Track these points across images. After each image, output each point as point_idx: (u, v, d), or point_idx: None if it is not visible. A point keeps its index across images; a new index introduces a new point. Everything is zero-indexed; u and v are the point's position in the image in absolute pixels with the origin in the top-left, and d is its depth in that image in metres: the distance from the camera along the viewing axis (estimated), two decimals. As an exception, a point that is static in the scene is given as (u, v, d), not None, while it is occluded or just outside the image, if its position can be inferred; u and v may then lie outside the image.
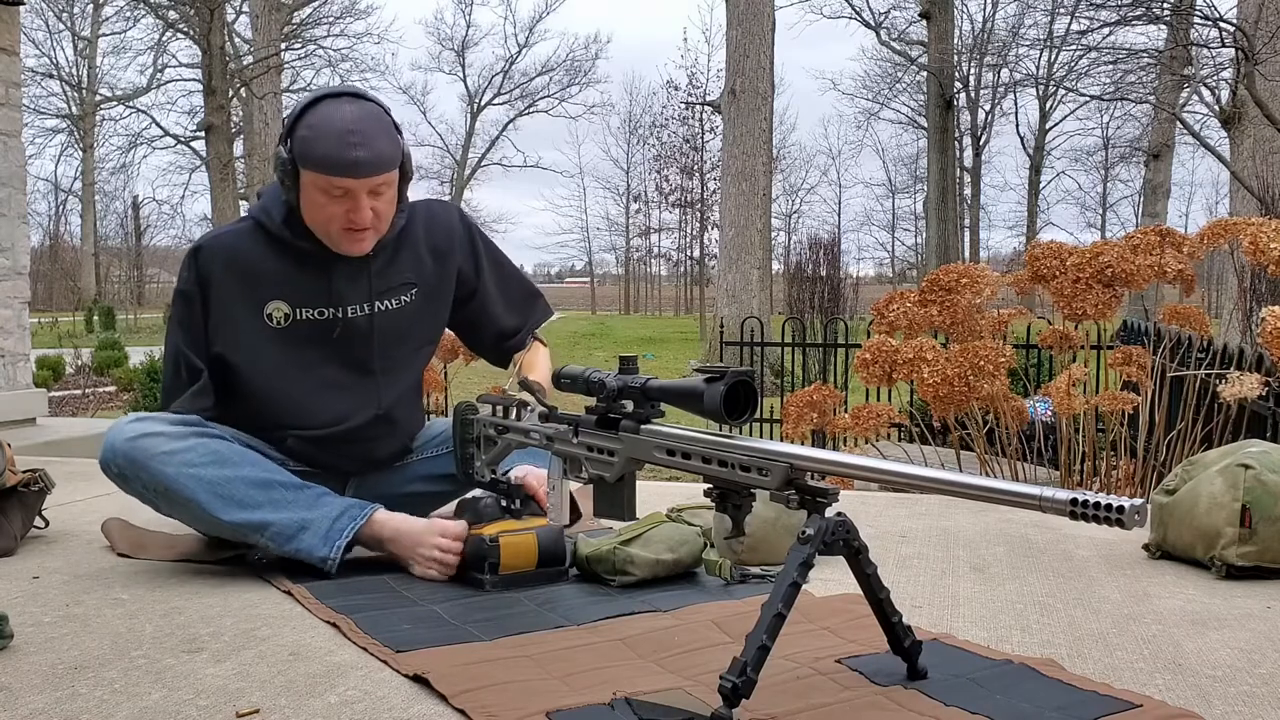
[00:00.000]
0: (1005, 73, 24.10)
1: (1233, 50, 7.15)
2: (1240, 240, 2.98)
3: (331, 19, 22.96)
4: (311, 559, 1.74)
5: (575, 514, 1.72)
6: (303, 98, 1.86)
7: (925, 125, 21.20)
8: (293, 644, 1.44)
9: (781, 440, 2.33)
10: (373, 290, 1.89)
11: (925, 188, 21.61)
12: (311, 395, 1.89)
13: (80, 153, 30.31)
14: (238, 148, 17.91)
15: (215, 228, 2.00)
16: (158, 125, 24.37)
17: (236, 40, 19.51)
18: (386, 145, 1.77)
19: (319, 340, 1.88)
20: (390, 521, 1.80)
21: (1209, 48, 7.99)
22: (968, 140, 27.17)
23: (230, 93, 16.13)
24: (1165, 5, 8.65)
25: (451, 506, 2.10)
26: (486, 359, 2.19)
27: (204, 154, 17.18)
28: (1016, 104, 29.24)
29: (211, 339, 1.87)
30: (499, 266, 2.09)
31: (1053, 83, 20.68)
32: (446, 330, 2.11)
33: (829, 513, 1.16)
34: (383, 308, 1.91)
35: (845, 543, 1.17)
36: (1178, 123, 12.81)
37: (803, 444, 1.81)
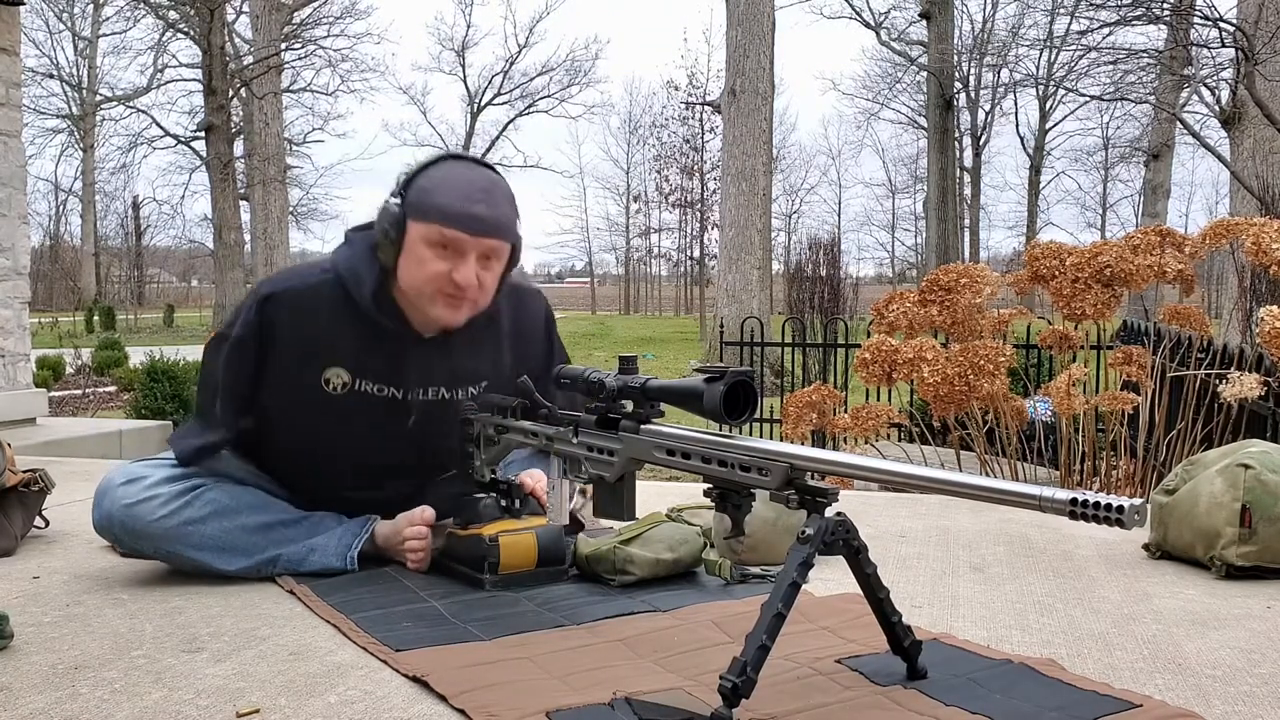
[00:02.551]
0: (1005, 73, 24.11)
1: (1233, 50, 7.15)
2: (1241, 240, 2.98)
3: (331, 19, 22.92)
4: (328, 573, 1.75)
5: (577, 526, 1.72)
6: (427, 158, 1.73)
7: (925, 125, 21.19)
8: (293, 644, 1.44)
9: (781, 440, 2.33)
10: (442, 377, 1.79)
11: (925, 188, 21.61)
12: (347, 468, 1.80)
13: (80, 153, 30.30)
14: (238, 148, 17.89)
15: (287, 272, 1.83)
16: (158, 125, 24.28)
17: (236, 40, 19.50)
18: (510, 213, 1.69)
19: (370, 414, 1.76)
20: (382, 530, 1.82)
21: (1209, 48, 7.99)
22: (968, 140, 27.16)
23: (230, 93, 16.12)
24: (1165, 5, 8.65)
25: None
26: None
27: (204, 154, 17.16)
28: (1016, 104, 29.28)
29: (260, 390, 1.76)
30: (563, 356, 1.96)
31: (1053, 83, 20.66)
32: None
33: (829, 513, 1.16)
34: (446, 396, 1.80)
35: (845, 542, 1.17)
36: (1178, 123, 12.81)
37: (803, 444, 1.81)
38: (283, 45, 18.47)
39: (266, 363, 1.74)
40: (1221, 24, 7.14)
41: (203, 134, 16.77)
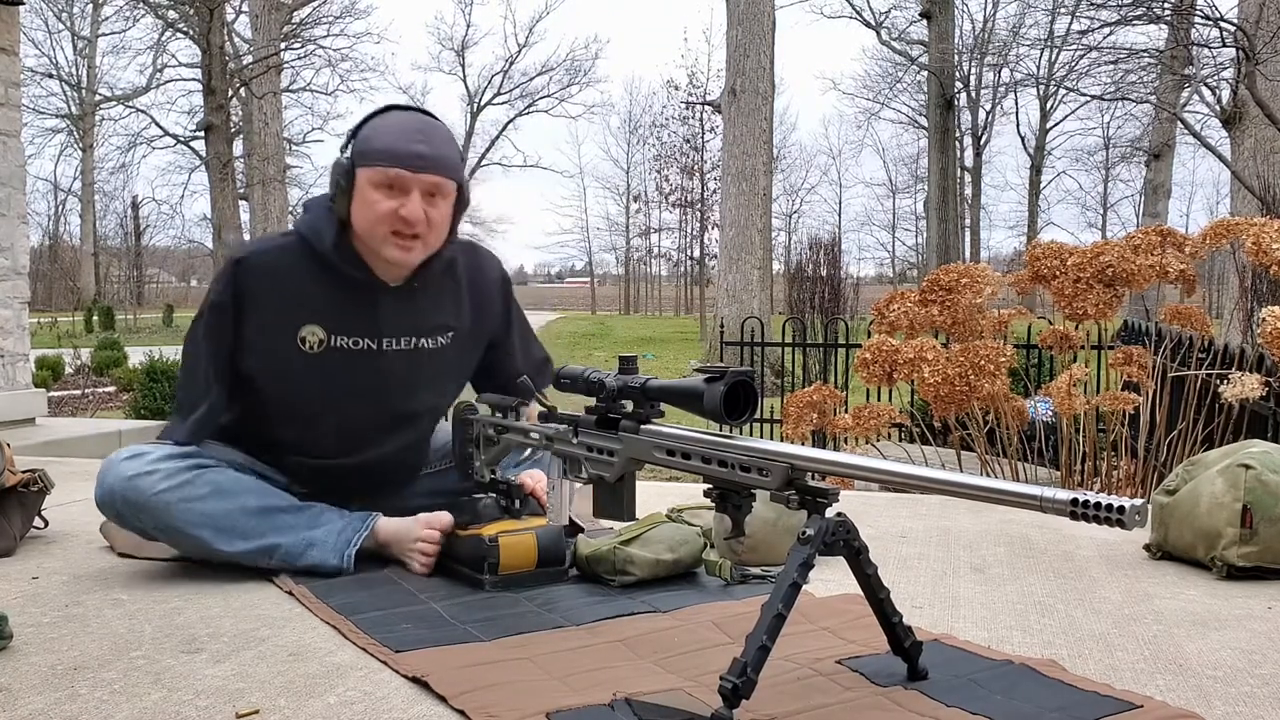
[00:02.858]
0: (1005, 73, 24.09)
1: (1233, 50, 7.15)
2: (1242, 240, 2.98)
3: (331, 19, 22.94)
4: (325, 570, 1.75)
5: (575, 529, 1.72)
6: (369, 113, 1.81)
7: (925, 125, 21.19)
8: (293, 644, 1.44)
9: (781, 440, 2.32)
10: (412, 325, 1.84)
11: (925, 188, 21.61)
12: (332, 427, 1.84)
13: (80, 153, 30.29)
14: (237, 148, 17.91)
15: (257, 239, 1.96)
16: (157, 125, 24.32)
17: (236, 40, 19.50)
18: (450, 151, 1.75)
19: (349, 370, 1.82)
20: (388, 526, 1.82)
21: (1209, 48, 7.99)
22: (968, 140, 27.15)
23: (230, 92, 16.13)
24: (1165, 5, 8.64)
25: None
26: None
27: (204, 154, 17.18)
28: (1017, 104, 29.29)
29: (240, 356, 1.81)
30: (524, 326, 2.06)
31: (1053, 83, 20.66)
32: None
33: (829, 513, 1.16)
34: (418, 345, 1.86)
35: (845, 543, 1.17)
36: (1178, 123, 12.81)
37: (803, 444, 1.81)
38: (282, 45, 18.48)
39: (244, 326, 1.80)
40: (1222, 24, 7.14)
41: (202, 134, 16.79)
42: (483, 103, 32.72)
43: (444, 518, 1.78)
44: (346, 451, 1.88)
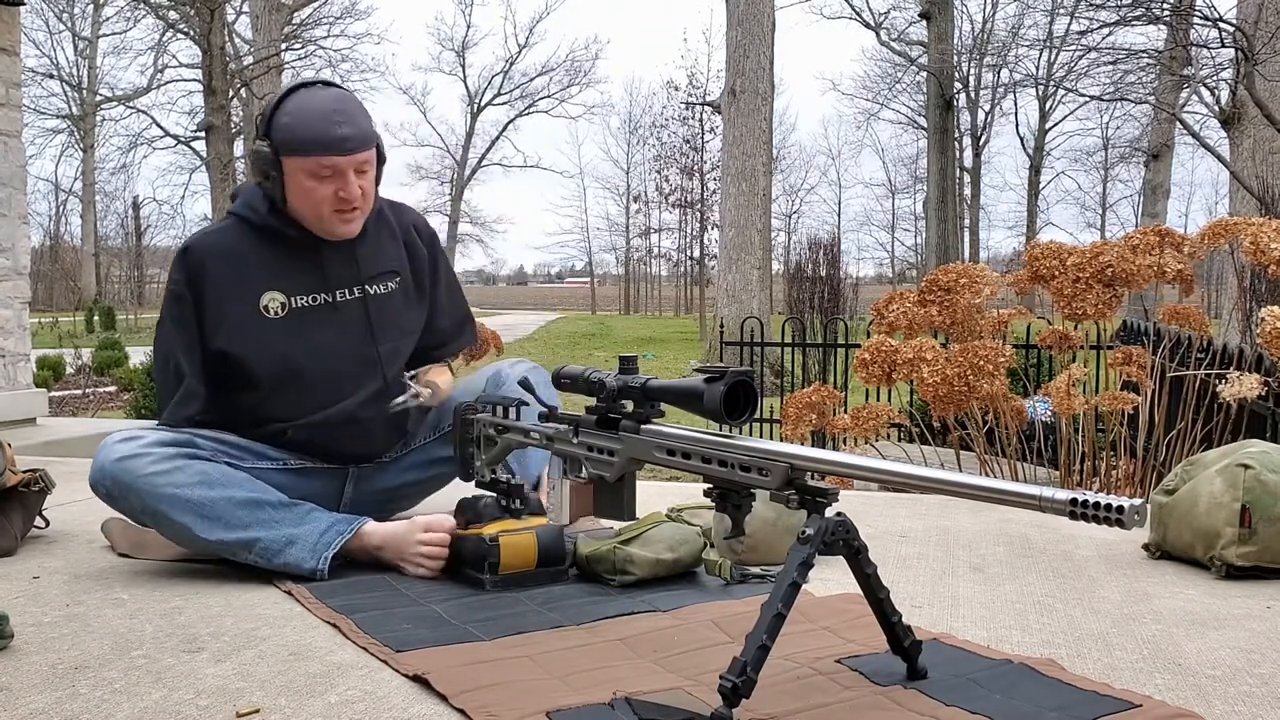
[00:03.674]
0: (1005, 73, 24.14)
1: (1232, 50, 7.15)
2: (1240, 240, 2.98)
3: (332, 19, 22.96)
4: (299, 571, 1.74)
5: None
6: (273, 94, 1.88)
7: (925, 125, 21.19)
8: (293, 644, 1.44)
9: (781, 440, 2.33)
10: (361, 273, 1.93)
11: (925, 188, 21.60)
12: (314, 382, 1.90)
13: (80, 153, 30.29)
14: (238, 148, 17.88)
15: (201, 229, 2.02)
16: (158, 125, 24.40)
17: (237, 40, 19.52)
18: (367, 123, 1.83)
19: (317, 327, 1.89)
20: (378, 531, 1.81)
21: (1209, 48, 7.99)
22: (967, 140, 27.16)
23: (230, 93, 16.12)
24: (1165, 5, 8.64)
25: (438, 500, 2.11)
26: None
27: (204, 154, 17.18)
28: (1016, 104, 29.29)
29: (209, 336, 1.87)
30: (451, 279, 2.12)
31: (1052, 83, 20.68)
32: None
33: (829, 513, 1.16)
34: (373, 291, 1.94)
35: (845, 543, 1.17)
36: (1177, 123, 12.81)
37: (802, 444, 1.81)
38: (283, 45, 18.47)
39: (206, 309, 1.86)
40: (1221, 24, 7.14)
41: (203, 134, 16.78)
42: (483, 103, 32.74)
43: (445, 522, 1.78)
44: (328, 403, 1.91)
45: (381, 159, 1.89)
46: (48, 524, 2.15)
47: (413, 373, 2.01)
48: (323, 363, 1.90)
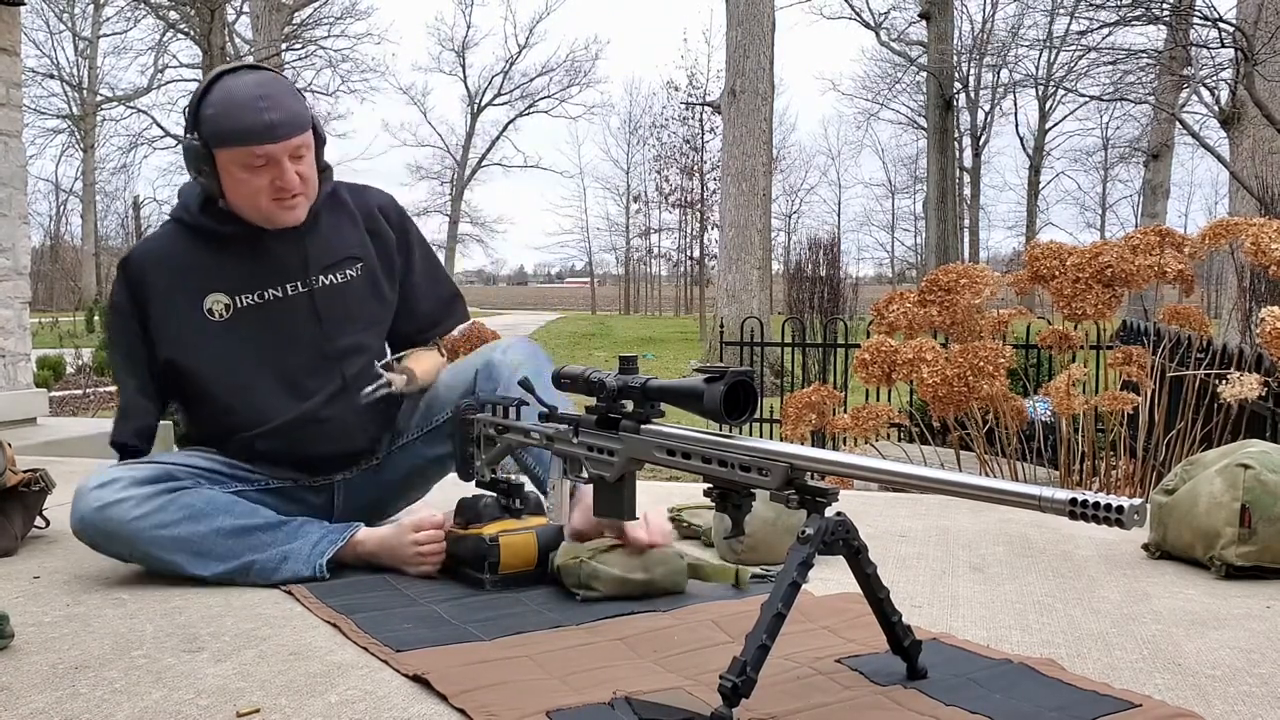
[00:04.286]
0: (1005, 73, 24.12)
1: (1232, 50, 7.15)
2: (1240, 240, 2.98)
3: (332, 19, 22.97)
4: (298, 581, 1.73)
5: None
6: (198, 85, 1.79)
7: (925, 125, 21.18)
8: (293, 644, 1.44)
9: (781, 440, 2.33)
10: (310, 263, 1.84)
11: (925, 188, 21.60)
12: (269, 385, 1.83)
13: (81, 153, 30.26)
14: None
15: (142, 238, 2.00)
16: (158, 125, 24.37)
17: (237, 40, 19.51)
18: (297, 104, 1.75)
19: (265, 327, 1.82)
20: (371, 537, 1.79)
21: (1208, 48, 7.99)
22: (967, 140, 27.15)
23: (230, 93, 16.10)
24: (1165, 5, 8.65)
25: (436, 500, 2.09)
26: (390, 346, 2.06)
27: (204, 154, 17.15)
28: (1016, 104, 29.22)
29: (157, 346, 1.83)
30: (428, 259, 2.04)
31: (1052, 83, 20.68)
32: None
33: (829, 512, 1.17)
34: (325, 282, 1.86)
35: (845, 542, 1.17)
36: (1177, 123, 12.81)
37: (802, 444, 1.81)
38: (283, 45, 18.48)
39: (149, 320, 1.82)
40: (1221, 24, 7.14)
41: (203, 134, 16.74)
42: (483, 103, 32.74)
43: (433, 517, 1.76)
44: (288, 406, 1.83)
45: (320, 139, 1.81)
46: (48, 524, 2.15)
47: (387, 359, 1.93)
48: (276, 363, 1.83)
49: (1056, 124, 27.98)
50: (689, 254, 32.27)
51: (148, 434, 1.88)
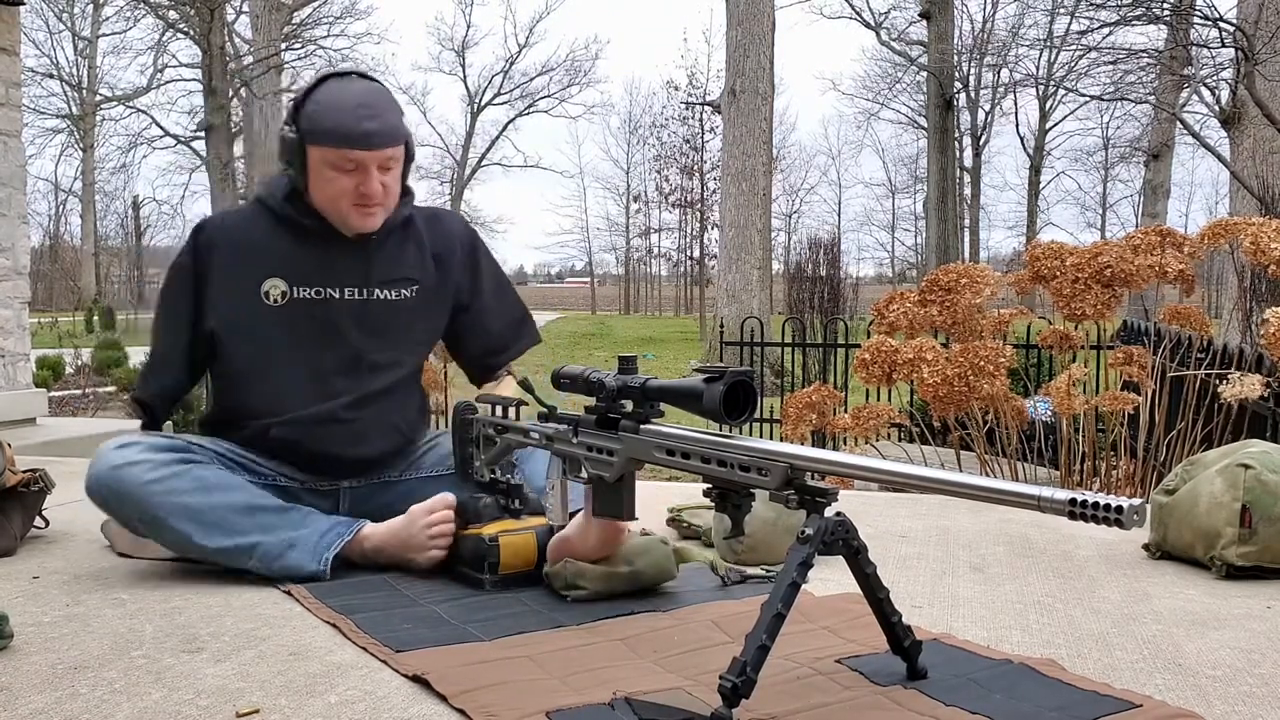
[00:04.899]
0: (1005, 73, 24.11)
1: (1233, 50, 7.15)
2: (1240, 240, 2.98)
3: (331, 19, 22.93)
4: (300, 574, 1.73)
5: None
6: (309, 80, 1.87)
7: (925, 125, 21.18)
8: (293, 644, 1.44)
9: (781, 440, 2.33)
10: (372, 275, 1.89)
11: (925, 188, 21.59)
12: (300, 376, 1.86)
13: (80, 153, 30.26)
14: (238, 148, 17.91)
15: (222, 210, 2.03)
16: (158, 125, 24.30)
17: (236, 40, 19.50)
18: (396, 119, 1.81)
19: (313, 322, 1.86)
20: (379, 531, 1.80)
21: (1209, 48, 7.99)
22: (967, 140, 27.14)
23: (230, 93, 16.13)
24: (1165, 5, 8.64)
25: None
26: (466, 371, 2.12)
27: (204, 154, 17.18)
28: (1016, 104, 29.28)
29: (205, 314, 1.87)
30: (498, 283, 2.07)
31: (1053, 83, 20.67)
32: None
33: (828, 513, 1.16)
34: (381, 296, 1.90)
35: (845, 542, 1.17)
36: (1178, 123, 12.81)
37: (802, 444, 1.81)
38: (283, 45, 18.47)
39: (207, 286, 1.87)
40: (1221, 24, 7.14)
41: (203, 134, 16.78)
42: (483, 103, 32.72)
43: (444, 498, 1.75)
44: (317, 399, 1.86)
45: (410, 157, 1.86)
46: (48, 524, 2.15)
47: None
48: (311, 358, 1.86)
49: (1057, 124, 27.98)
50: (689, 254, 32.29)
51: (169, 396, 1.93)
